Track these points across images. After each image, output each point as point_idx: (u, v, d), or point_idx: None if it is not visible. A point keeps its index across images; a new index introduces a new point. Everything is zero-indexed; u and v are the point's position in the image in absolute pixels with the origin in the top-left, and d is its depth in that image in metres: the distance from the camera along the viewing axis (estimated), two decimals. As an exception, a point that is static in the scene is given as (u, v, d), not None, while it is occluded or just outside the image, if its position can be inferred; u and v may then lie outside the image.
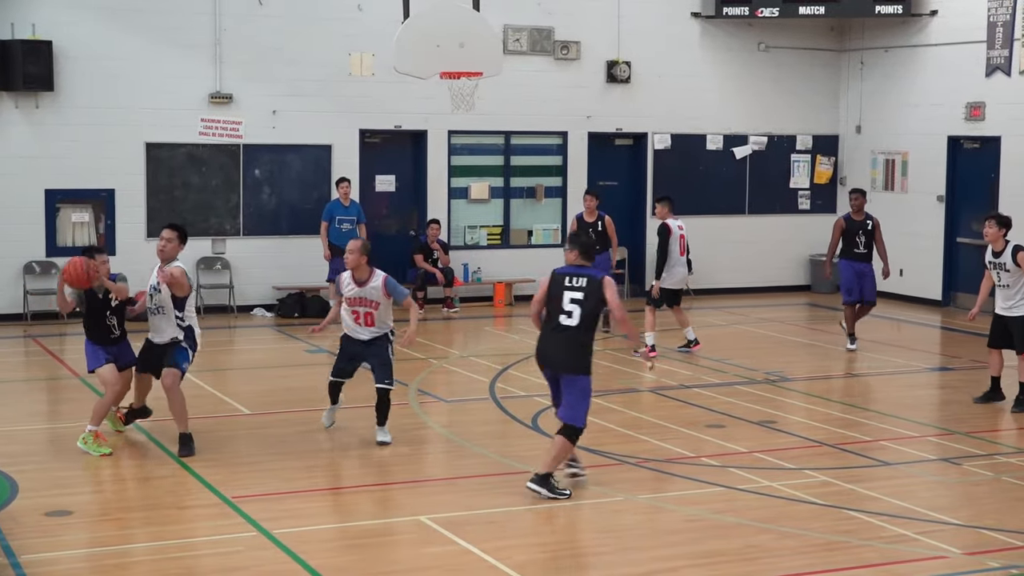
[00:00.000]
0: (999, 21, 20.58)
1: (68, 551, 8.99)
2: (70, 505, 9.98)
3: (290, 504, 10.17)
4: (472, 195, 22.07)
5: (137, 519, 9.80)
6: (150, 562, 8.78)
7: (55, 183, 19.41)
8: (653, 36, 22.46)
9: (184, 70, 19.89)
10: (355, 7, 20.54)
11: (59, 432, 12.71)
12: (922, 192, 22.17)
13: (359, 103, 20.77)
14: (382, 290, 11.58)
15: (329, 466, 11.56)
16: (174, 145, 20.04)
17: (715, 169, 23.29)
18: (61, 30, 19.08)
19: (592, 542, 9.27)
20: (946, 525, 9.73)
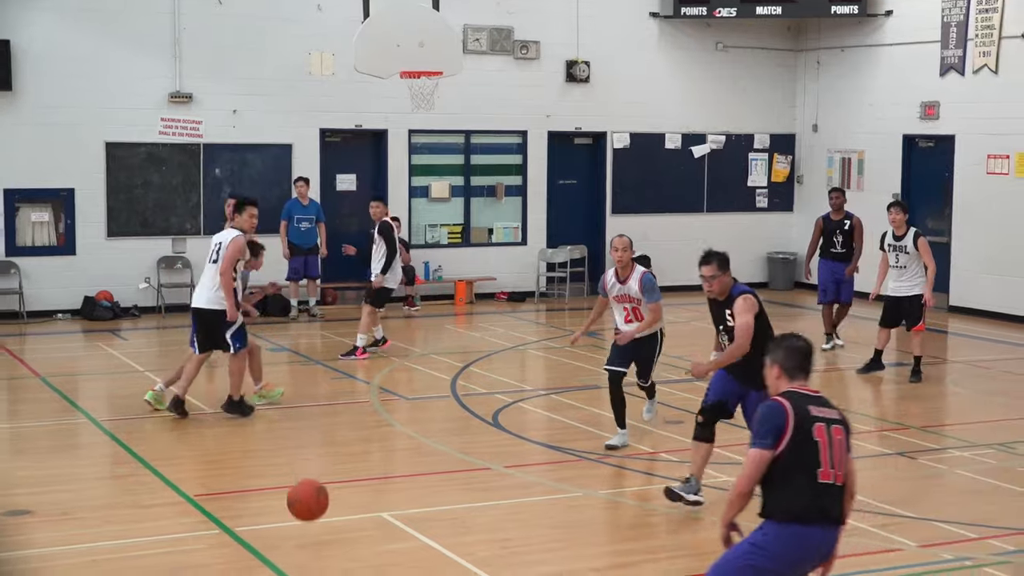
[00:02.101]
0: (953, 21, 20.74)
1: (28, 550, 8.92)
2: (29, 504, 9.92)
3: (253, 502, 10.17)
4: (433, 194, 22.07)
5: (98, 518, 9.72)
6: (112, 561, 8.74)
7: (14, 183, 19.31)
8: (612, 36, 22.52)
9: (144, 70, 19.81)
10: (315, 7, 20.51)
11: (18, 431, 12.65)
12: (878, 190, 22.25)
13: (319, 102, 20.74)
14: (639, 286, 11.24)
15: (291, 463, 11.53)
16: (134, 144, 19.95)
17: (674, 168, 23.37)
18: (19, 30, 19.00)
19: (552, 537, 9.29)
20: (901, 518, 9.82)
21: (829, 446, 5.94)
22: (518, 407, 13.61)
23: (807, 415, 5.93)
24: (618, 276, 11.34)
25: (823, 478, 5.90)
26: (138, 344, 17.60)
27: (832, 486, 5.93)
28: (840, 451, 5.99)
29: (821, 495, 5.90)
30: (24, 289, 19.33)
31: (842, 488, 6.01)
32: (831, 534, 5.99)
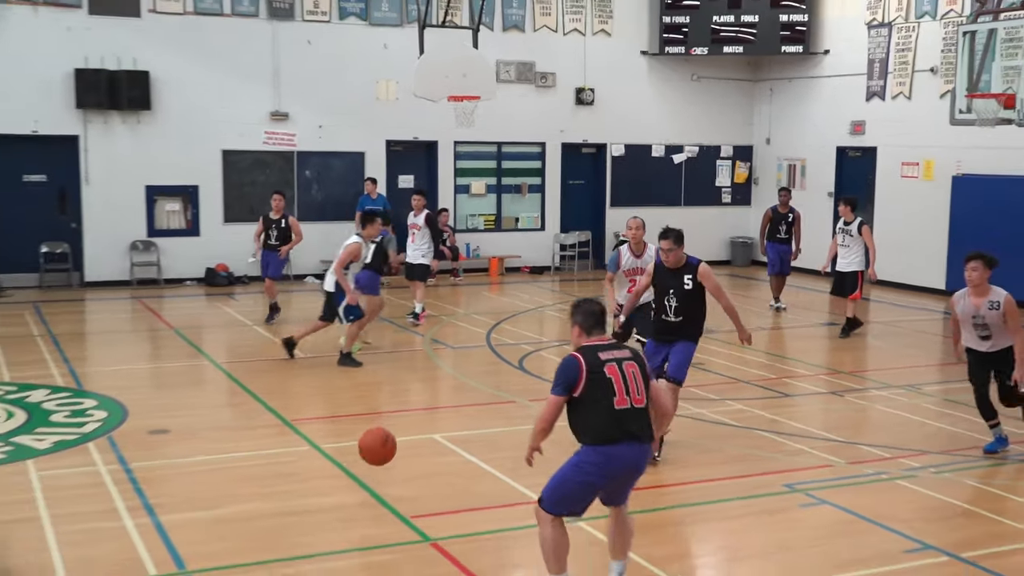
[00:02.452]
0: (876, 59, 20.65)
1: (166, 460, 9.14)
2: (167, 425, 10.10)
3: (336, 425, 10.30)
4: (472, 191, 22.08)
5: (217, 436, 9.88)
6: (227, 469, 8.91)
7: (153, 181, 19.42)
8: (611, 69, 22.43)
9: (251, 94, 19.85)
10: (382, 46, 20.48)
11: (159, 371, 12.80)
12: (816, 189, 22.26)
13: (385, 120, 20.72)
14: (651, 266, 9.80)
15: (365, 397, 11.63)
16: (243, 152, 20.00)
17: (658, 171, 23.28)
18: (156, 63, 19.03)
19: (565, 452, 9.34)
20: (833, 442, 9.88)
21: (623, 379, 5.86)
22: (538, 354, 13.68)
23: (598, 361, 5.85)
24: (633, 252, 10.54)
25: (619, 405, 5.82)
26: (247, 304, 17.69)
27: (630, 410, 5.84)
28: (635, 381, 5.89)
29: (621, 419, 5.82)
30: (160, 262, 19.52)
31: (643, 409, 5.90)
32: (637, 448, 5.90)
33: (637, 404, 5.88)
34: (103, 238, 19.25)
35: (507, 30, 21.64)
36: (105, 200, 19.16)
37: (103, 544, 7.21)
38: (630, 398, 5.85)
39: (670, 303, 8.92)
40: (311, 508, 7.92)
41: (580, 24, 22.21)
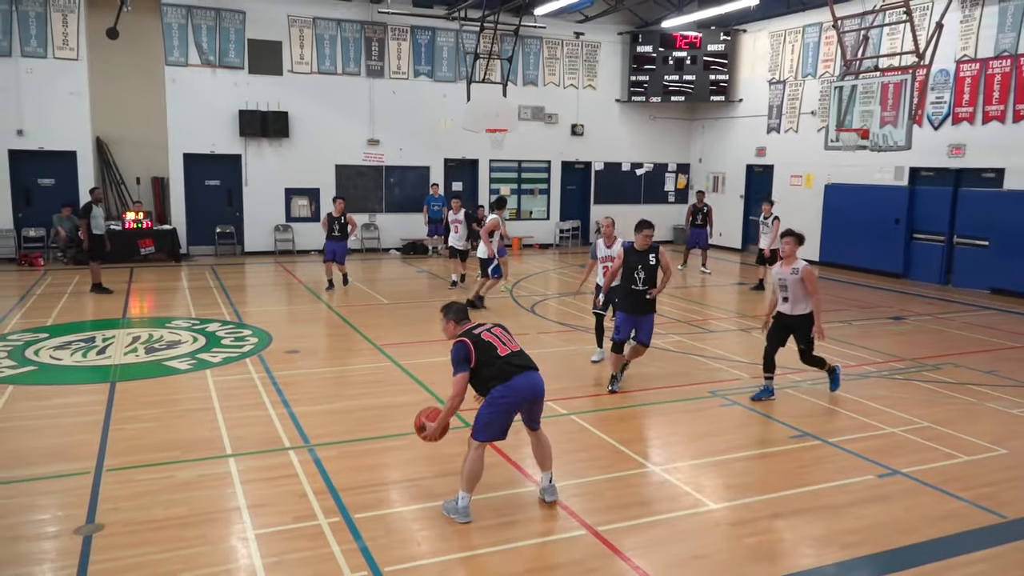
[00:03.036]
0: (774, 104, 20.24)
1: (297, 370, 9.07)
2: (299, 347, 10.08)
3: (407, 349, 10.21)
4: (501, 192, 21.87)
5: (334, 354, 9.87)
6: (333, 378, 8.87)
7: (289, 185, 19.30)
8: (596, 110, 22.11)
9: (354, 126, 19.70)
10: (442, 95, 20.27)
11: (292, 311, 12.78)
12: (732, 194, 21.95)
13: (444, 144, 20.55)
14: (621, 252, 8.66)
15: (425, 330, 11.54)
16: (349, 166, 19.87)
17: (625, 180, 22.97)
18: (292, 105, 18.92)
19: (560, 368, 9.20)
20: (741, 363, 9.73)
21: (497, 337, 5.52)
22: (544, 303, 13.56)
23: (477, 335, 5.50)
24: (605, 244, 9.38)
25: (502, 352, 5.44)
26: (352, 268, 17.48)
27: (511, 352, 5.46)
28: (505, 336, 5.56)
29: (508, 360, 5.42)
30: (294, 239, 19.42)
31: (521, 351, 5.54)
32: (531, 374, 5.45)
33: (514, 349, 5.52)
34: (257, 223, 19.17)
35: (526, 84, 21.33)
36: (258, 197, 19.05)
37: (254, 427, 7.18)
38: (508, 346, 5.50)
39: (639, 276, 8.30)
40: (392, 404, 7.88)
41: (575, 80, 21.88)
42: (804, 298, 8.09)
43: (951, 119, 15.93)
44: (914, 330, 11.84)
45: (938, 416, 7.77)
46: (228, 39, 18.39)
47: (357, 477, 6.08)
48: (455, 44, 20.32)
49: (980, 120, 15.45)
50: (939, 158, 16.20)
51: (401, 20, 19.77)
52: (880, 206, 17.25)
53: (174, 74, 18.09)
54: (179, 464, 6.29)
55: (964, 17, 15.64)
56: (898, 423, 7.54)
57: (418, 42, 20.05)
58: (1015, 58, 14.83)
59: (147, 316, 11.90)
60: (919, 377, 9.18)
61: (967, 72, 15.60)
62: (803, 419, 7.62)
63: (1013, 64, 14.86)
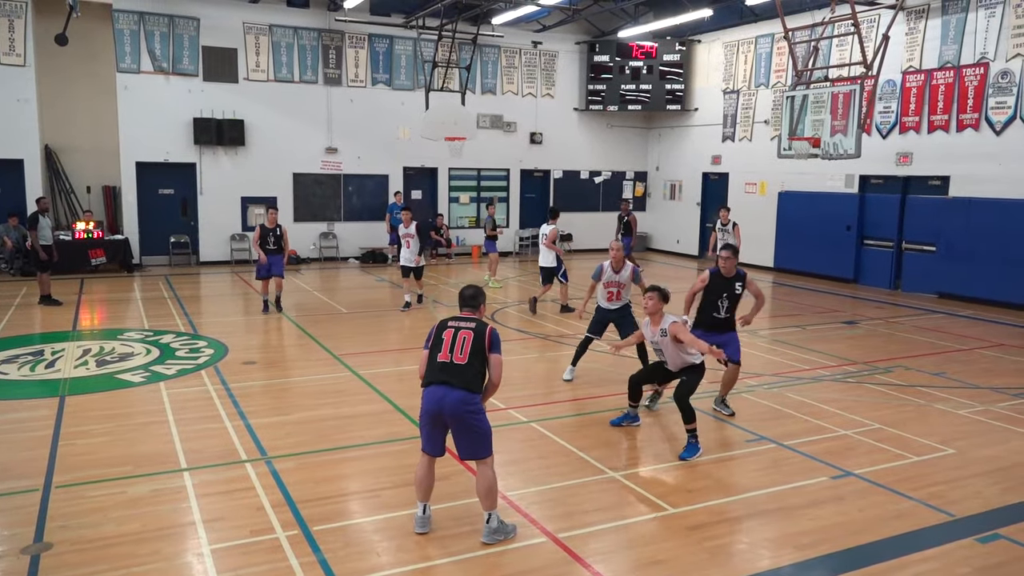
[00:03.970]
0: (729, 114, 20.59)
1: (254, 382, 8.95)
2: (255, 358, 9.95)
3: (367, 359, 10.13)
4: (461, 201, 21.86)
5: (292, 364, 9.72)
6: (293, 387, 8.74)
7: (245, 193, 19.05)
8: (554, 119, 22.25)
9: (312, 134, 19.55)
10: (400, 103, 20.22)
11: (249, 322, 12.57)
12: (689, 201, 22.24)
13: (403, 152, 20.49)
14: (629, 276, 8.92)
15: (386, 339, 11.48)
16: (307, 174, 19.70)
17: (584, 188, 23.13)
18: (248, 113, 18.71)
19: (526, 377, 9.23)
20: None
21: (452, 341, 5.21)
22: (504, 310, 13.55)
23: (444, 326, 5.30)
24: (613, 268, 8.90)
25: (441, 359, 5.18)
26: (310, 278, 17.46)
27: (449, 363, 5.16)
28: (461, 344, 5.19)
29: (440, 369, 5.17)
30: (251, 248, 19.16)
31: (461, 365, 5.14)
32: (449, 392, 5.10)
33: (456, 361, 5.16)
34: (212, 232, 18.89)
35: (484, 93, 21.39)
36: (213, 206, 18.78)
37: (210, 440, 7.04)
38: (452, 355, 5.19)
39: (722, 304, 7.67)
40: (352, 414, 7.80)
41: (534, 89, 21.99)
42: (684, 355, 6.99)
43: (898, 128, 16.37)
44: (866, 334, 12.10)
45: (889, 418, 7.95)
46: (182, 46, 18.11)
47: (315, 489, 6.00)
48: (413, 52, 20.29)
49: (926, 129, 15.90)
50: (887, 166, 16.63)
51: (359, 28, 19.68)
52: (832, 213, 17.63)
53: (126, 81, 17.74)
54: (132, 479, 6.14)
55: (909, 30, 16.11)
56: (851, 425, 7.69)
57: (376, 50, 19.98)
58: (957, 69, 15.31)
59: (98, 328, 11.62)
60: (871, 380, 9.39)
61: (913, 83, 16.06)
62: (759, 423, 7.73)
63: (956, 75, 15.34)
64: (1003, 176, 14.64)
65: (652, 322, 7.13)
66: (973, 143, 15.10)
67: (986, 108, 14.88)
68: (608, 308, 8.92)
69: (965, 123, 15.25)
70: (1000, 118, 14.69)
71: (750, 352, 10.76)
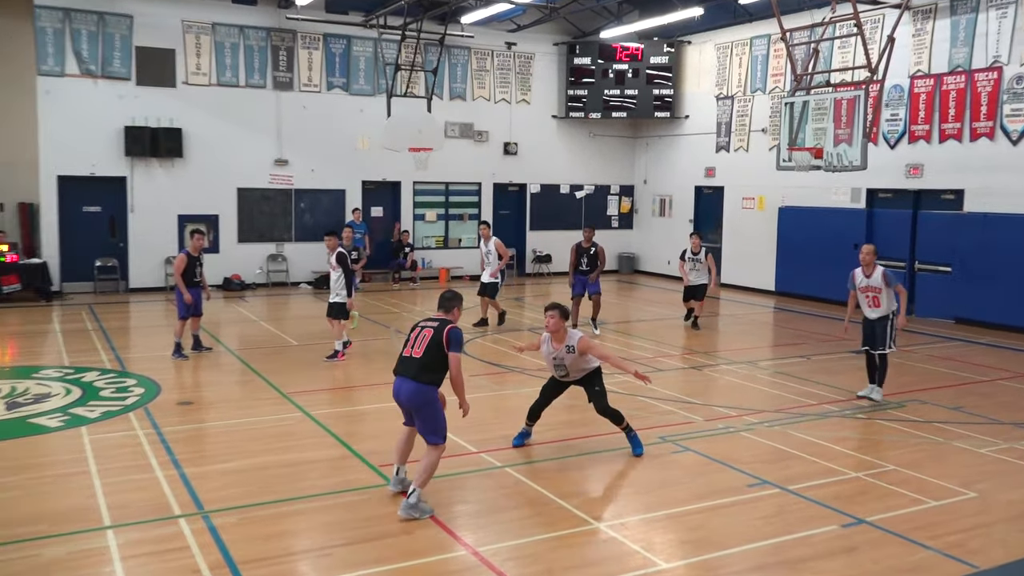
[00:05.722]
0: (723, 121, 20.87)
1: (190, 425, 8.83)
2: (192, 397, 9.83)
3: (321, 397, 10.04)
4: (427, 218, 21.89)
5: (235, 404, 9.59)
6: (238, 431, 8.62)
7: (183, 211, 18.91)
8: (530, 127, 22.42)
9: (259, 144, 19.50)
10: (359, 110, 20.26)
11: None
12: (680, 218, 22.43)
13: (362, 165, 20.50)
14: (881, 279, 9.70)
15: (343, 374, 11.38)
16: (254, 189, 19.62)
17: (564, 204, 23.29)
18: (187, 121, 18.63)
19: (496, 415, 9.18)
20: (693, 404, 9.86)
21: (416, 338, 6.53)
22: (475, 341, 13.52)
23: (415, 325, 6.68)
24: (865, 273, 9.65)
25: (404, 353, 6.53)
26: (256, 305, 17.33)
27: (409, 357, 6.46)
28: (421, 340, 6.47)
29: (401, 362, 6.52)
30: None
31: (415, 359, 6.40)
32: (404, 383, 6.43)
33: (415, 355, 6.45)
34: (144, 254, 18.70)
35: (453, 99, 21.51)
36: (146, 226, 18.62)
37: (138, 492, 6.89)
38: (412, 349, 6.49)
39: None
40: (303, 460, 7.69)
41: (507, 95, 22.16)
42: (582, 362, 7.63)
43: (907, 137, 16.68)
44: (876, 364, 12.23)
45: (904, 458, 8.00)
46: (112, 46, 18.02)
47: (260, 547, 5.89)
48: (373, 54, 20.38)
49: (937, 138, 16.21)
50: (897, 179, 16.91)
51: (312, 27, 19.74)
52: (837, 230, 17.87)
53: (48, 85, 17.59)
54: (47, 540, 5.98)
55: (916, 31, 16.48)
56: (862, 467, 7.72)
57: (332, 51, 20.03)
58: (969, 74, 15.66)
59: (10, 365, 11.39)
60: (883, 416, 9.45)
61: (922, 88, 16.39)
62: (761, 465, 7.73)
63: (968, 80, 15.69)
64: (1022, 189, 14.93)
65: (555, 339, 7.73)
66: (988, 154, 15.41)
67: (1001, 116, 15.22)
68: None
69: (979, 132, 15.57)
70: (1017, 126, 15.02)
71: (748, 386, 10.82)
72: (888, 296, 9.82)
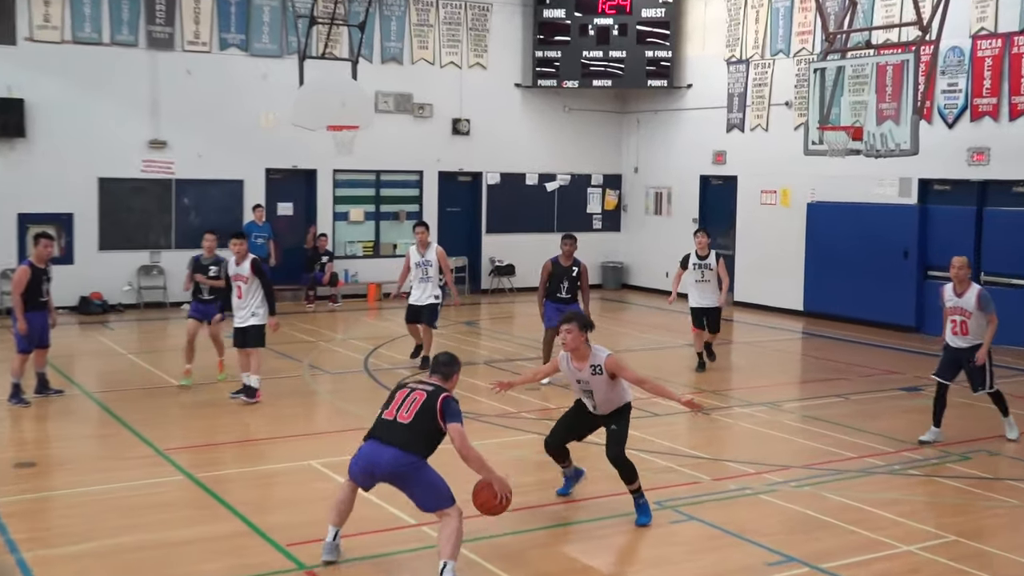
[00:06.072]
0: (736, 92, 21.10)
1: (33, 494, 8.69)
2: (34, 458, 9.66)
3: (209, 454, 9.92)
4: (351, 218, 21.81)
5: (89, 467, 9.46)
6: (99, 501, 8.50)
7: (25, 208, 18.61)
8: (487, 100, 22.47)
9: (129, 121, 19.28)
10: (262, 76, 20.16)
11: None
12: (682, 216, 22.58)
13: (265, 148, 20.36)
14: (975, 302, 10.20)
15: (239, 425, 11.25)
16: (121, 179, 19.40)
17: (532, 199, 23.34)
18: (31, 90, 18.38)
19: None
20: (699, 459, 9.91)
21: (401, 400, 7.03)
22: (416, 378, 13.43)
23: (401, 385, 7.27)
24: (956, 291, 10.28)
25: (386, 416, 7.01)
26: (122, 333, 17.12)
27: (392, 421, 6.96)
28: (409, 405, 6.98)
29: (380, 425, 7.01)
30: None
31: (402, 424, 6.89)
32: (383, 449, 6.89)
33: (401, 420, 6.93)
34: (-26, 267, 18.39)
35: (386, 62, 21.52)
36: (-24, 228, 18.34)
37: (-39, 584, 6.73)
38: (396, 413, 6.97)
39: None
40: (184, 539, 7.59)
41: (457, 57, 22.21)
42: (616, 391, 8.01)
43: (969, 113, 16.99)
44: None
45: (968, 526, 8.09)
46: (-70, -10, 17.76)
47: (125, 656, 5.78)
48: (281, 3, 20.31)
49: (1006, 115, 16.53)
50: (956, 166, 17.21)
51: (199, -33, 19.69)
52: (882, 233, 18.10)
53: None
54: None
55: (980, -23, 16.82)
56: (915, 538, 7.79)
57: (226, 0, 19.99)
58: (1047, 32, 16.02)
59: None
60: (943, 471, 9.57)
61: (986, 51, 16.73)
62: (785, 536, 7.77)
63: (1045, 41, 16.03)
64: (1114, 180, 15.26)
65: (575, 358, 7.94)
66: (1072, 134, 15.76)
67: (1087, 86, 15.58)
68: None
69: (1060, 107, 15.93)
70: (1107, 100, 15.38)
71: (770, 435, 10.89)
72: (979, 322, 10.20)
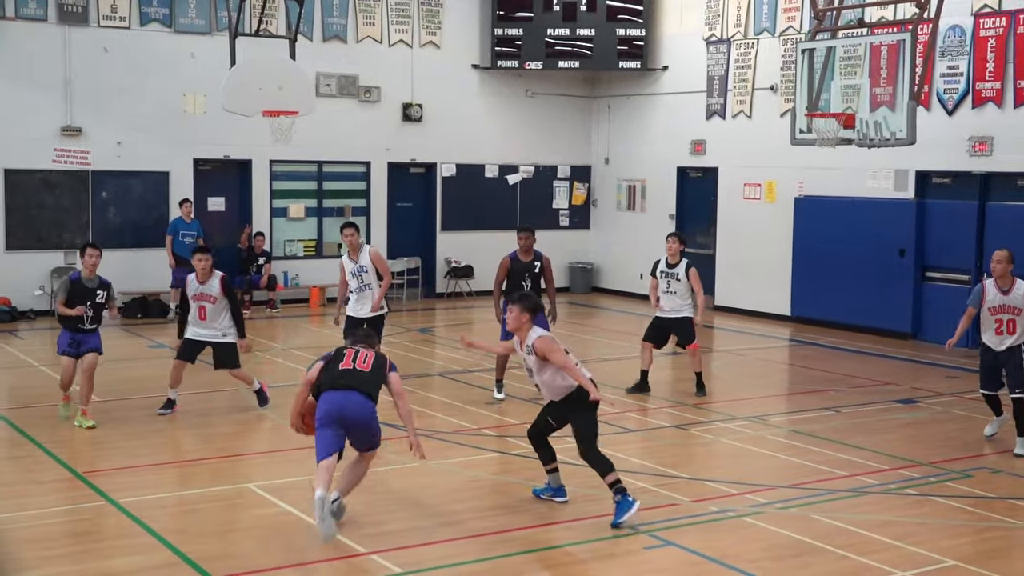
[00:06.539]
0: (716, 75, 21.29)
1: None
2: (-62, 483, 9.56)
3: (133, 477, 9.87)
4: (291, 214, 21.80)
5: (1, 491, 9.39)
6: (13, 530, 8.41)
7: (-80, 203, 18.51)
8: (441, 83, 22.51)
9: (38, 106, 19.15)
10: (188, 55, 20.09)
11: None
12: (657, 212, 22.73)
13: (193, 136, 20.30)
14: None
15: (168, 444, 11.23)
16: (30, 171, 19.26)
17: (492, 193, 23.42)
18: (-74, 70, 18.24)
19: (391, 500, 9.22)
20: (677, 479, 9.98)
21: (354, 355, 8.29)
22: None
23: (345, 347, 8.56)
24: (999, 287, 10.66)
25: (343, 366, 8.17)
26: (34, 343, 16.99)
27: (352, 370, 8.13)
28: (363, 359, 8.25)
29: (342, 375, 8.13)
30: (-69, 296, 18.52)
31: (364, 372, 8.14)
32: (352, 396, 8.06)
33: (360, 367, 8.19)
34: None
35: (328, 40, 21.52)
36: None
37: None
38: (354, 363, 8.20)
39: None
40: (107, 571, 7.57)
41: (407, 35, 22.25)
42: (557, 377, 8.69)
43: (971, 99, 17.25)
44: (931, 419, 12.56)
45: (969, 550, 8.23)
46: None
47: None
48: (210, -27, 20.28)
49: (1011, 101, 16.79)
50: (957, 157, 17.45)
51: (118, -67, 19.59)
52: (876, 230, 18.31)
53: None
54: None
55: (982, -50, 17.09)
56: (912, 563, 7.91)
57: (148, -31, 19.90)
58: (1055, 11, 16.30)
59: None
60: (941, 491, 9.71)
61: (990, 30, 17.00)
62: (771, 563, 7.88)
63: (1052, 20, 16.32)
64: (1126, 172, 15.55)
65: (520, 339, 8.73)
66: (1081, 122, 16.04)
67: (1098, 70, 15.85)
68: None
69: (1068, 92, 16.20)
70: (1118, 85, 15.66)
71: (754, 452, 11.02)
72: None
